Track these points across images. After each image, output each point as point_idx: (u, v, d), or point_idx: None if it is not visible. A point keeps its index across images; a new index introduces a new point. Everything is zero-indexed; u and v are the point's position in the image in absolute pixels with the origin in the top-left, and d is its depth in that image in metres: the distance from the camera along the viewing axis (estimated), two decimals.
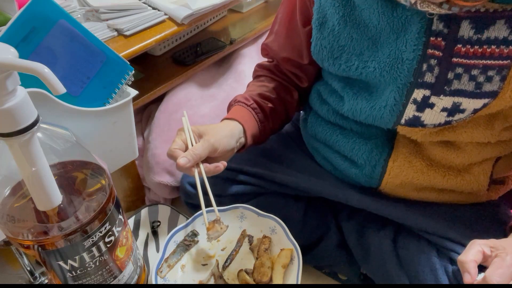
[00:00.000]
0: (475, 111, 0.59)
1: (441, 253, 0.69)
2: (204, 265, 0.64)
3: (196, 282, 0.61)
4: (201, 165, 0.64)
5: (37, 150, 0.39)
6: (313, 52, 0.70)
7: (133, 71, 0.63)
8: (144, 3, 1.11)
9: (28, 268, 0.61)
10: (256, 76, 0.86)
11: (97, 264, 0.48)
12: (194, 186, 0.85)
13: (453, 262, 0.67)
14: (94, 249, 0.47)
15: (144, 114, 1.29)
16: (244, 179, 0.83)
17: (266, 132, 0.80)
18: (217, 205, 0.65)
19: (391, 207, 0.73)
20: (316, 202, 0.85)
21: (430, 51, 0.57)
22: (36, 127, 0.39)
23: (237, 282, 0.61)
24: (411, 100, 0.61)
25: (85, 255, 0.47)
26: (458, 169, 0.68)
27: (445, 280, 0.65)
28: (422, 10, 0.52)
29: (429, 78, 0.59)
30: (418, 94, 0.60)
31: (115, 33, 1.02)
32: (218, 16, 1.42)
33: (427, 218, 0.71)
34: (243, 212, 0.67)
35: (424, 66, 0.58)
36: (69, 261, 0.46)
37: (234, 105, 0.78)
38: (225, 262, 0.63)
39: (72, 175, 0.48)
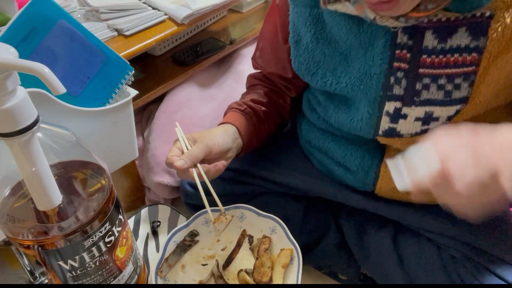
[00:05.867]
0: (450, 117, 0.59)
1: (442, 250, 0.69)
2: (204, 265, 0.64)
3: (196, 282, 0.61)
4: (199, 166, 0.64)
5: (37, 150, 0.39)
6: (294, 68, 0.71)
7: (133, 71, 0.63)
8: (144, 3, 1.11)
9: (28, 268, 0.61)
10: (249, 86, 0.87)
11: (97, 264, 0.48)
12: (193, 186, 0.85)
13: (454, 259, 0.67)
14: (94, 249, 0.47)
15: (144, 114, 1.29)
16: (243, 179, 0.83)
17: (263, 135, 0.80)
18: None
19: (390, 207, 0.73)
20: (316, 202, 0.85)
21: (396, 64, 0.57)
22: (36, 127, 0.39)
23: (237, 282, 0.61)
24: (384, 112, 0.62)
25: (85, 255, 0.47)
26: None
27: (446, 277, 0.65)
28: (382, 24, 0.52)
29: (397, 90, 0.59)
30: (390, 106, 0.61)
31: (115, 33, 1.02)
32: (218, 16, 1.42)
33: (426, 217, 0.71)
34: (243, 212, 0.67)
35: (392, 80, 0.58)
36: (69, 261, 0.46)
37: (228, 112, 0.79)
38: (225, 262, 0.64)
39: (72, 175, 0.48)
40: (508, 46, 0.52)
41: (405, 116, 0.61)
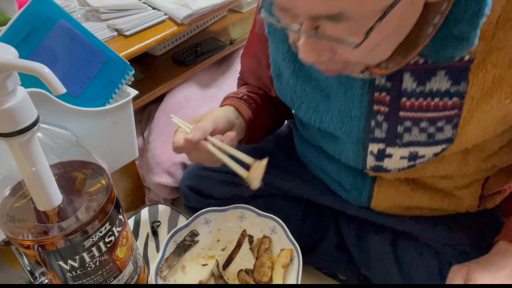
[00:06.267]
0: (436, 154, 0.58)
1: (440, 256, 0.69)
2: (204, 265, 0.64)
3: (196, 282, 0.61)
4: (211, 138, 0.60)
5: (37, 150, 0.39)
6: (279, 96, 0.69)
7: (133, 71, 0.63)
8: (144, 3, 1.11)
9: (28, 268, 0.61)
10: (241, 85, 0.85)
11: (97, 264, 0.48)
12: (193, 189, 0.85)
13: (451, 265, 0.67)
14: (94, 249, 0.47)
15: (144, 114, 1.29)
16: (242, 181, 0.83)
17: (262, 123, 0.78)
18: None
19: (387, 218, 0.73)
20: (316, 204, 0.85)
21: (375, 107, 0.55)
22: (36, 127, 0.39)
23: (237, 282, 0.61)
24: (368, 152, 0.61)
25: (85, 255, 0.47)
26: (444, 192, 0.67)
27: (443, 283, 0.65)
28: (346, 74, 0.50)
29: (379, 134, 0.58)
30: (373, 147, 0.60)
31: (115, 33, 1.02)
32: (218, 16, 1.42)
33: (424, 226, 0.70)
34: (243, 212, 0.67)
35: (372, 123, 0.57)
36: (69, 261, 0.46)
37: (225, 100, 0.77)
38: (225, 262, 0.64)
39: (72, 175, 0.48)
40: (491, 91, 0.50)
41: (390, 156, 0.60)
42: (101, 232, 0.47)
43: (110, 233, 0.49)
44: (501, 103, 0.50)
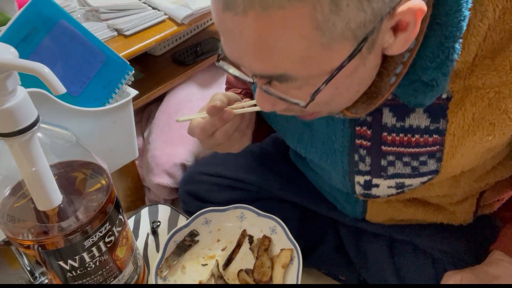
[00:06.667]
0: (423, 183, 0.57)
1: (436, 263, 0.69)
2: (204, 265, 0.64)
3: (196, 282, 0.61)
4: (231, 106, 0.57)
5: (37, 150, 0.39)
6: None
7: (133, 71, 0.63)
8: (144, 3, 1.11)
9: (28, 268, 0.61)
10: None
11: (97, 264, 0.48)
12: (191, 194, 0.85)
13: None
14: (94, 249, 0.47)
15: (144, 114, 1.29)
16: (241, 186, 0.83)
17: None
18: None
19: (383, 227, 0.73)
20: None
21: (357, 141, 0.55)
22: (36, 127, 0.39)
23: (237, 282, 0.61)
24: (355, 182, 0.61)
25: (85, 255, 0.47)
26: (438, 207, 0.66)
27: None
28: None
29: (363, 167, 0.57)
30: (359, 179, 0.59)
31: (115, 33, 1.02)
32: None
33: (420, 236, 0.70)
34: (243, 212, 0.67)
35: (356, 156, 0.57)
36: (69, 261, 0.46)
37: None
38: (225, 262, 0.64)
39: (72, 175, 0.48)
40: (473, 129, 0.49)
41: (377, 185, 0.60)
42: (101, 232, 0.47)
43: (110, 233, 0.49)
44: (484, 139, 0.49)
